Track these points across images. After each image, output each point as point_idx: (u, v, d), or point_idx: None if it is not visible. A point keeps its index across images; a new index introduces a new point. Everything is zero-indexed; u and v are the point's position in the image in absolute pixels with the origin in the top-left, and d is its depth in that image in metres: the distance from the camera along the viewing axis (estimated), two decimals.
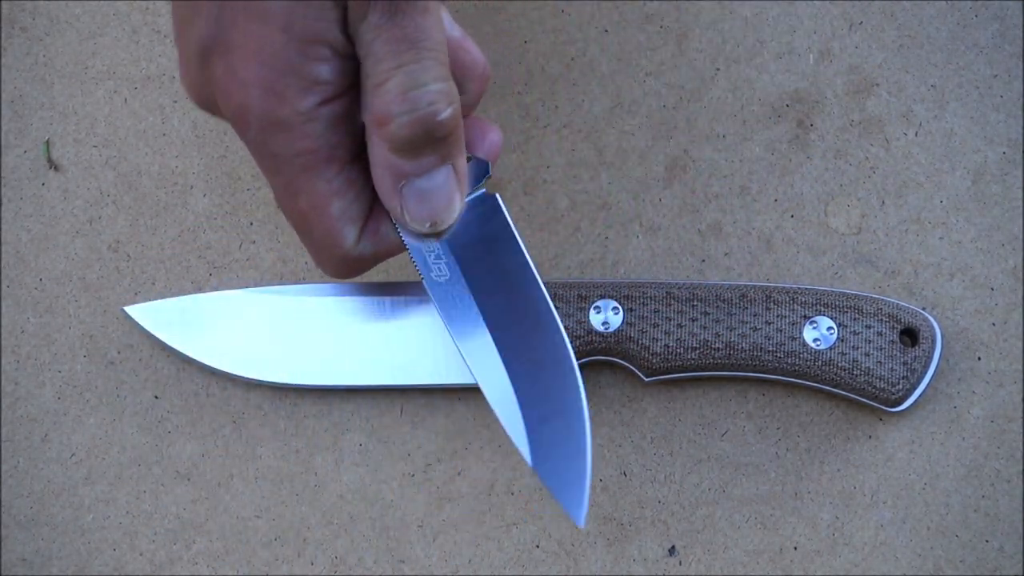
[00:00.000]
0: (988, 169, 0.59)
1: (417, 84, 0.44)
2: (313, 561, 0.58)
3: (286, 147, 0.45)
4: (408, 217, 0.47)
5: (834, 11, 0.61)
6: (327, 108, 0.45)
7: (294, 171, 0.46)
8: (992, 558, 0.56)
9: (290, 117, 0.44)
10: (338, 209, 0.47)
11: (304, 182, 0.46)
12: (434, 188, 0.46)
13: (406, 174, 0.46)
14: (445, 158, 0.46)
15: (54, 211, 0.61)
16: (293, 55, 0.44)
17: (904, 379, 0.56)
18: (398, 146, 0.45)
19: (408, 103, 0.44)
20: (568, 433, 0.47)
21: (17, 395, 0.59)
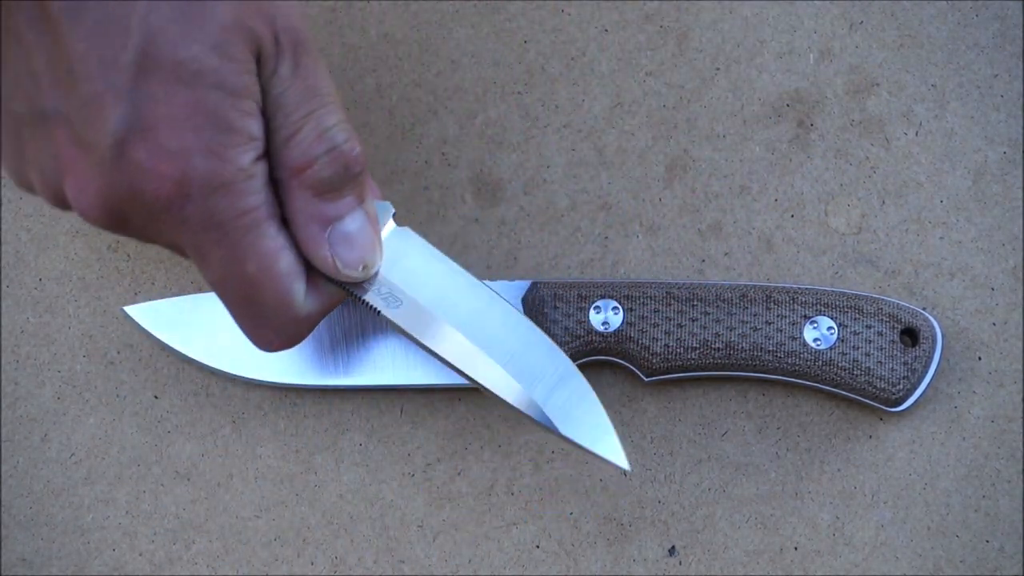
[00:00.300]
0: (989, 169, 0.59)
1: (328, 126, 0.45)
2: (313, 561, 0.57)
3: (230, 209, 0.44)
4: (340, 264, 0.47)
5: (834, 11, 0.61)
6: (260, 164, 0.45)
7: (239, 234, 0.45)
8: (992, 558, 0.56)
9: (234, 175, 0.44)
10: (286, 265, 0.46)
11: (250, 243, 0.45)
12: (358, 230, 0.47)
13: (330, 219, 0.46)
14: (361, 198, 0.47)
15: (54, 211, 0.61)
16: (228, 111, 0.43)
17: (904, 379, 0.56)
18: (320, 189, 0.45)
19: (323, 144, 0.45)
20: (573, 392, 0.50)
21: (17, 395, 0.59)
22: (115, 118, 0.42)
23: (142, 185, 0.43)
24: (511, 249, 0.60)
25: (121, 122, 0.42)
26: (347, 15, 0.62)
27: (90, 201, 0.44)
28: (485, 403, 0.58)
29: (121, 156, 0.43)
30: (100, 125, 0.42)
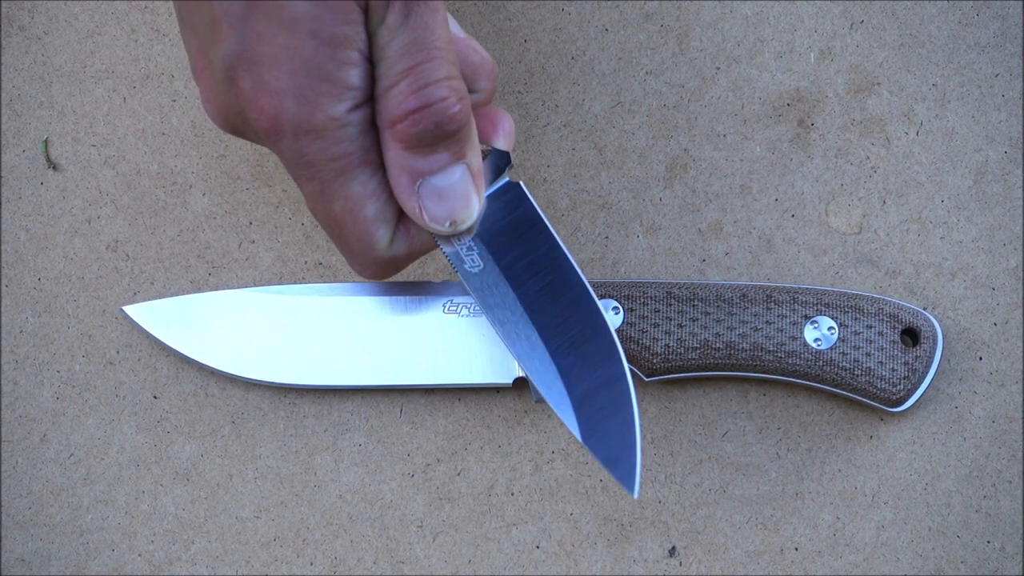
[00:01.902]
0: (989, 168, 0.59)
1: (428, 82, 0.45)
2: (313, 561, 0.57)
3: (321, 153, 0.46)
4: (427, 217, 0.47)
5: (835, 10, 0.61)
6: (359, 112, 0.46)
7: (329, 176, 0.46)
8: (993, 558, 0.56)
9: (324, 123, 0.45)
10: (372, 212, 0.47)
11: (339, 187, 0.47)
12: (450, 186, 0.47)
13: (421, 173, 0.46)
14: (458, 155, 0.46)
15: (53, 211, 0.60)
16: (324, 60, 0.44)
17: (905, 379, 0.56)
18: (411, 143, 0.46)
19: (419, 100, 0.45)
20: (615, 405, 0.48)
21: (16, 395, 0.59)
22: (227, 45, 0.44)
23: (246, 111, 0.45)
24: None
25: (232, 50, 0.44)
26: None
27: (211, 111, 0.47)
28: (485, 403, 0.58)
29: (230, 80, 0.45)
30: (217, 48, 0.45)
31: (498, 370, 0.57)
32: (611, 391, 0.48)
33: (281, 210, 0.60)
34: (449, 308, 0.57)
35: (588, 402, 0.48)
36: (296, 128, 0.45)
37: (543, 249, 0.50)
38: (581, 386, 0.48)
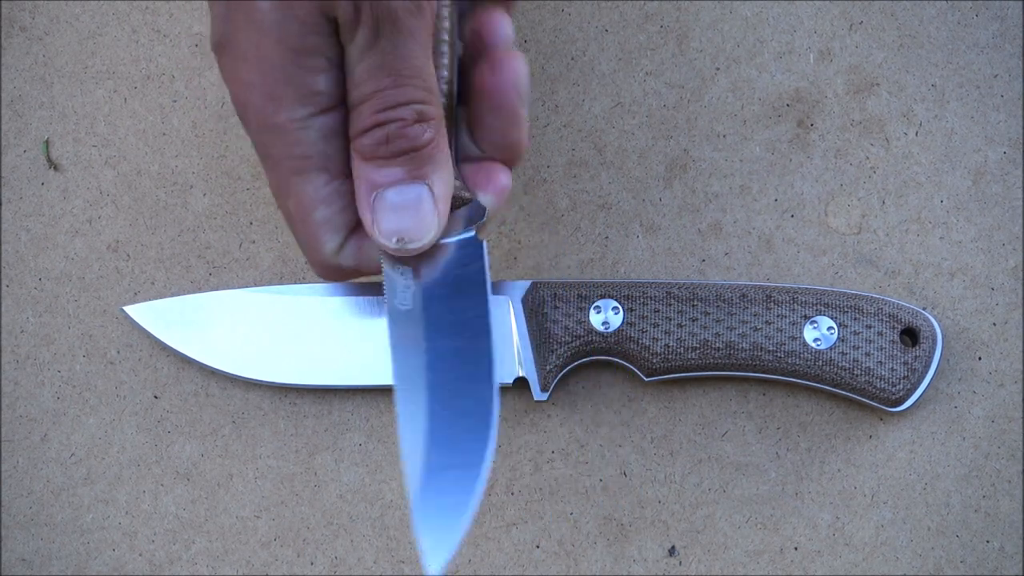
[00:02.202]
0: (988, 169, 0.59)
1: (389, 105, 0.45)
2: (313, 561, 0.57)
3: (280, 150, 0.47)
4: (377, 230, 0.47)
5: (834, 11, 0.61)
6: (323, 118, 0.46)
7: (285, 173, 0.47)
8: (993, 558, 0.56)
9: (284, 124, 0.46)
10: (321, 216, 0.48)
11: (293, 185, 0.47)
12: (404, 203, 0.47)
13: (376, 184, 0.47)
14: (415, 174, 0.47)
15: (54, 211, 0.61)
16: (289, 65, 0.45)
17: (905, 379, 0.56)
18: (367, 156, 0.46)
19: (376, 120, 0.45)
20: (459, 486, 0.46)
21: (17, 395, 0.59)
22: (215, 26, 0.46)
23: (228, 87, 0.47)
24: (511, 249, 0.60)
25: (218, 32, 0.46)
26: None
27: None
28: None
29: (217, 58, 0.47)
30: (213, 25, 0.46)
31: (498, 370, 0.57)
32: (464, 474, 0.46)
33: None
34: None
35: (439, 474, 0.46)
36: (259, 123, 0.46)
37: (472, 315, 0.49)
38: (440, 458, 0.46)
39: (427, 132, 0.46)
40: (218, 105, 0.61)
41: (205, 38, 0.62)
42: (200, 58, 0.62)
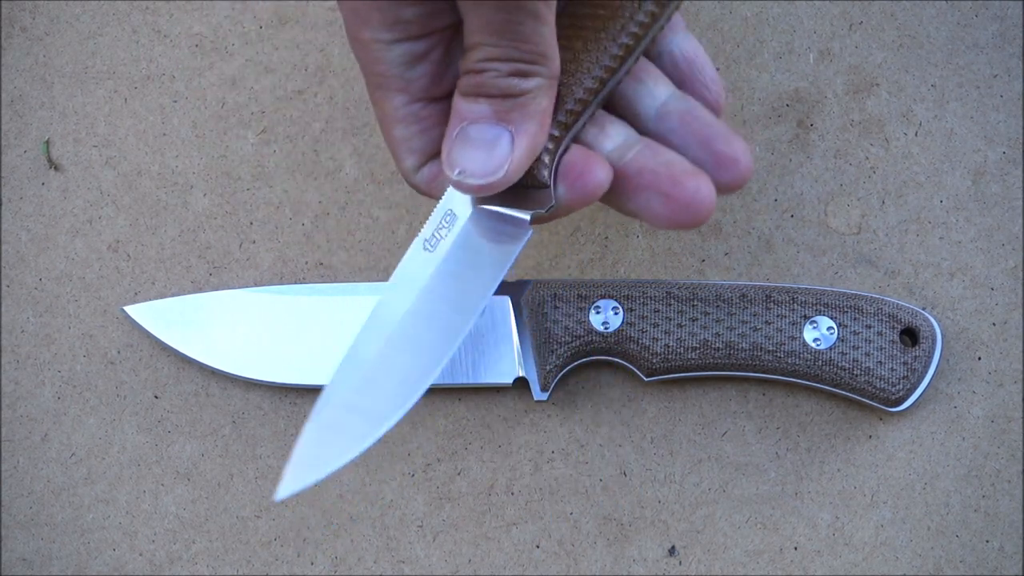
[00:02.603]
0: (988, 169, 0.59)
1: (489, 58, 0.46)
2: (313, 561, 0.57)
3: (363, 61, 0.48)
4: (447, 158, 0.47)
5: (834, 11, 0.61)
6: (407, 44, 0.47)
7: (370, 85, 0.49)
8: (992, 558, 0.56)
9: (367, 41, 0.47)
10: (400, 134, 0.49)
11: (375, 98, 0.49)
12: (481, 139, 0.47)
13: (463, 117, 0.47)
14: (501, 117, 0.46)
15: (54, 211, 0.61)
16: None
17: (904, 379, 0.56)
18: (461, 90, 0.47)
19: (474, 68, 0.46)
20: (352, 435, 0.47)
21: (17, 395, 0.59)
22: None
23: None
24: None
25: None
26: None
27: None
28: (485, 403, 0.58)
29: None
30: None
31: (498, 370, 0.57)
32: (363, 422, 0.47)
33: (282, 210, 0.60)
34: None
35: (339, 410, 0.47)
36: (349, 34, 0.48)
37: (474, 290, 0.49)
38: (350, 395, 0.47)
39: (523, 83, 0.46)
40: (218, 105, 0.61)
41: (205, 38, 0.62)
42: (200, 58, 0.62)
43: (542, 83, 0.46)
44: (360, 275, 0.60)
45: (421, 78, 0.48)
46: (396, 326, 0.48)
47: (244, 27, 0.62)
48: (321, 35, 0.62)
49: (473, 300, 0.49)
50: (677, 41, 0.51)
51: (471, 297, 0.49)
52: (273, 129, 0.61)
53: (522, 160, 0.47)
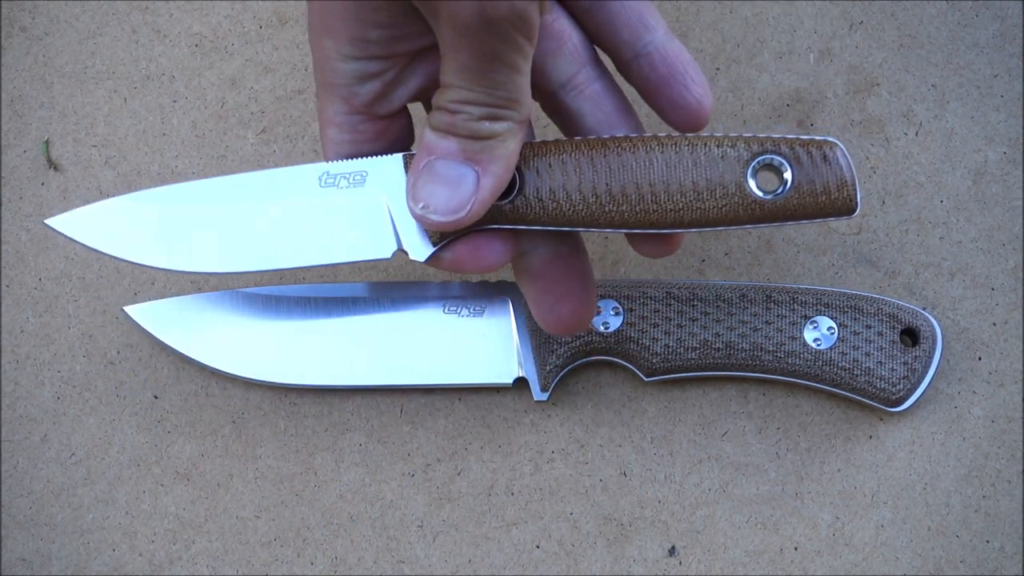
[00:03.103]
0: (988, 169, 0.59)
1: (463, 100, 0.46)
2: (313, 561, 0.57)
3: (317, 62, 0.48)
4: (411, 191, 0.47)
5: (834, 11, 0.61)
6: (362, 62, 0.47)
7: (317, 79, 0.49)
8: (992, 558, 0.56)
9: (326, 49, 0.47)
10: (332, 135, 0.49)
11: (320, 93, 0.49)
12: (447, 176, 0.47)
13: (431, 151, 0.47)
14: (470, 157, 0.46)
15: (54, 211, 0.61)
16: (350, 14, 0.46)
17: (905, 379, 0.56)
18: (431, 124, 0.47)
19: (447, 107, 0.46)
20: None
21: (17, 395, 0.59)
22: None
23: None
24: None
25: None
26: None
27: None
28: (485, 403, 0.58)
29: None
30: None
31: (498, 370, 0.57)
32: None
33: None
34: (449, 308, 0.57)
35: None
36: (311, 34, 0.48)
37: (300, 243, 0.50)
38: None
39: (494, 127, 0.46)
40: (218, 105, 0.61)
41: (205, 38, 0.62)
42: (200, 58, 0.62)
43: (512, 127, 0.46)
44: (360, 275, 0.60)
45: (367, 94, 0.48)
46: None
47: (244, 27, 0.62)
48: None
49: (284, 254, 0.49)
50: (656, 42, 0.50)
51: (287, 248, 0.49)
52: (273, 129, 0.61)
53: (485, 200, 0.47)
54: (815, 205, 0.47)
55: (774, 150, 0.47)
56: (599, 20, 0.50)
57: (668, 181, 0.47)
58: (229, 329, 0.58)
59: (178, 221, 0.50)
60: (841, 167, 0.47)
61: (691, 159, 0.47)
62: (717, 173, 0.47)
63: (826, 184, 0.47)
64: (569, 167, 0.48)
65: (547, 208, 0.48)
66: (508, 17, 0.43)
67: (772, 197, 0.47)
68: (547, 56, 0.49)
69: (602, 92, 0.50)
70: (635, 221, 0.47)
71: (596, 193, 0.47)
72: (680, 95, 0.49)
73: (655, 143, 0.48)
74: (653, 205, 0.47)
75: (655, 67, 0.50)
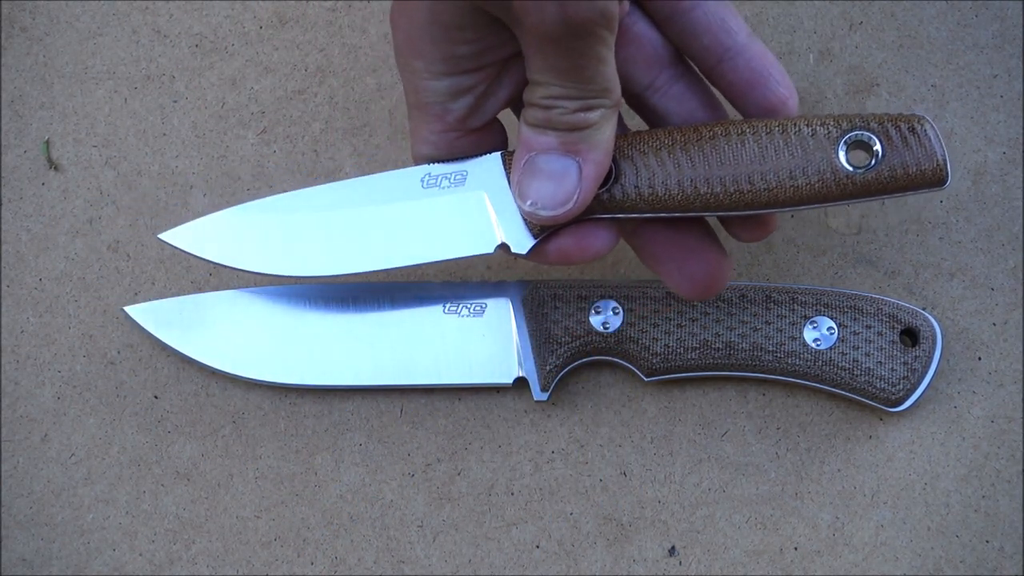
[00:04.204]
0: (988, 169, 0.59)
1: (555, 96, 0.46)
2: (313, 561, 0.58)
3: (408, 85, 0.48)
4: (517, 190, 0.48)
5: (834, 11, 0.61)
6: (454, 78, 0.48)
7: (409, 101, 0.49)
8: (992, 558, 0.56)
9: (417, 70, 0.48)
10: (423, 153, 0.50)
11: (412, 115, 0.49)
12: (550, 171, 0.48)
13: (531, 148, 0.47)
14: (569, 148, 0.47)
15: (54, 211, 0.61)
16: (435, 29, 0.46)
17: (904, 379, 0.56)
18: (527, 121, 0.47)
19: (540, 103, 0.46)
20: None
21: (17, 395, 0.59)
22: None
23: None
24: None
25: None
26: (347, 15, 0.62)
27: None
28: (485, 403, 0.58)
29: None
30: None
31: (498, 370, 0.57)
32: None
33: None
34: (449, 308, 0.57)
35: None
36: (400, 58, 0.48)
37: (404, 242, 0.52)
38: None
39: (589, 116, 0.47)
40: (218, 105, 0.61)
41: (205, 38, 0.62)
42: (200, 58, 0.62)
43: (606, 112, 0.47)
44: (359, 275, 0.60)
45: (461, 109, 0.49)
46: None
47: (244, 27, 0.62)
48: (321, 35, 0.62)
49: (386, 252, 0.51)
50: (738, 47, 0.50)
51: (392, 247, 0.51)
52: (273, 129, 0.61)
53: (590, 189, 0.48)
54: (906, 177, 0.48)
55: (863, 126, 0.48)
56: (680, 27, 0.50)
57: (762, 162, 0.48)
58: (229, 329, 0.58)
59: (287, 229, 0.52)
60: (930, 138, 0.48)
61: (783, 139, 0.48)
62: (809, 151, 0.48)
63: (916, 157, 0.48)
64: (664, 155, 0.48)
65: (644, 196, 0.49)
66: (591, 17, 0.44)
67: (863, 172, 0.48)
68: (627, 63, 0.50)
69: (686, 91, 0.51)
70: (730, 203, 0.48)
71: (692, 179, 0.48)
72: (764, 97, 0.50)
73: (747, 127, 0.49)
74: (748, 186, 0.48)
75: (739, 71, 0.50)
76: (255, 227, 0.52)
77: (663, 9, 0.50)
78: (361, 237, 0.51)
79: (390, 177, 0.51)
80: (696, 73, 0.51)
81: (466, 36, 0.47)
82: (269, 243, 0.52)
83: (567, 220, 0.48)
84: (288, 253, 0.52)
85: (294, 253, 0.52)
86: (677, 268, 0.51)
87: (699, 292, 0.51)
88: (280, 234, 0.52)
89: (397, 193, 0.51)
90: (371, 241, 0.51)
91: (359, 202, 0.52)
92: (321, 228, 0.52)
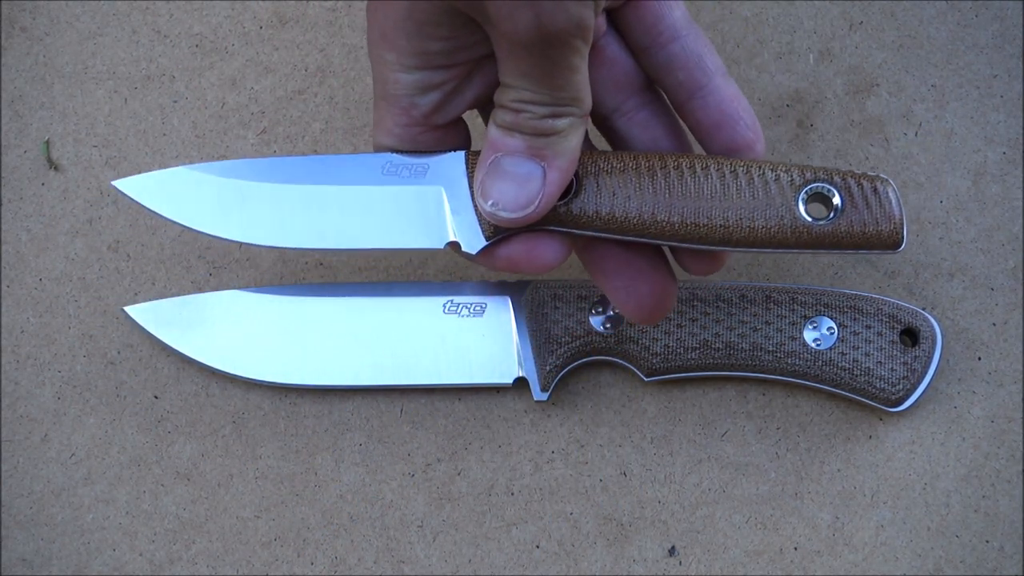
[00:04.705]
0: (988, 169, 0.59)
1: (525, 100, 0.46)
2: (313, 561, 0.58)
3: (377, 75, 0.49)
4: (479, 190, 0.48)
5: (834, 11, 0.61)
6: (424, 73, 0.48)
7: (376, 91, 0.49)
8: (992, 558, 0.56)
9: (388, 62, 0.48)
10: (388, 143, 0.50)
11: (378, 105, 0.49)
12: (514, 173, 0.47)
13: (497, 149, 0.48)
14: (535, 153, 0.47)
15: (54, 211, 0.61)
16: (411, 28, 0.47)
17: (904, 379, 0.56)
18: (496, 122, 0.47)
19: (511, 107, 0.46)
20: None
21: (17, 395, 0.59)
22: None
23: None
24: None
25: None
26: (347, 15, 0.62)
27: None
28: (485, 403, 0.58)
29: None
30: None
31: (498, 370, 0.57)
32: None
33: None
34: (449, 308, 0.57)
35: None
36: (372, 48, 0.48)
37: (358, 227, 0.52)
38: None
39: (557, 123, 0.47)
40: (218, 105, 0.61)
41: (205, 38, 0.62)
42: (200, 58, 0.62)
43: (575, 121, 0.47)
44: (360, 275, 0.60)
45: (427, 105, 0.49)
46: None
47: (244, 27, 0.62)
48: (321, 35, 0.62)
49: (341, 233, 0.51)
50: (711, 86, 0.50)
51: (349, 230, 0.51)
52: (273, 129, 0.61)
53: (553, 195, 0.48)
54: (862, 236, 0.48)
55: (826, 179, 0.48)
56: (657, 60, 0.50)
57: (722, 199, 0.48)
58: (229, 329, 0.58)
59: (240, 194, 0.51)
60: (891, 200, 0.48)
61: (745, 180, 0.48)
62: (770, 196, 0.48)
63: (875, 216, 0.48)
64: (627, 177, 0.48)
65: (601, 215, 0.48)
66: (565, 27, 0.44)
67: (821, 224, 0.48)
68: (596, 84, 0.50)
69: (652, 118, 0.51)
70: (685, 235, 0.48)
71: (652, 206, 0.48)
72: (731, 139, 0.50)
73: (712, 162, 0.49)
74: (705, 221, 0.48)
75: (708, 111, 0.50)
76: (211, 188, 0.52)
77: (642, 39, 0.50)
78: (315, 214, 0.51)
79: (352, 160, 0.51)
80: (665, 102, 0.51)
81: (441, 33, 0.47)
82: (223, 206, 0.51)
83: (526, 224, 0.48)
84: (240, 218, 0.51)
85: (246, 219, 0.51)
86: (625, 289, 0.51)
87: (645, 315, 0.51)
88: (235, 198, 0.51)
89: (357, 176, 0.51)
90: (324, 219, 0.51)
91: (318, 179, 0.51)
92: (277, 198, 0.51)
